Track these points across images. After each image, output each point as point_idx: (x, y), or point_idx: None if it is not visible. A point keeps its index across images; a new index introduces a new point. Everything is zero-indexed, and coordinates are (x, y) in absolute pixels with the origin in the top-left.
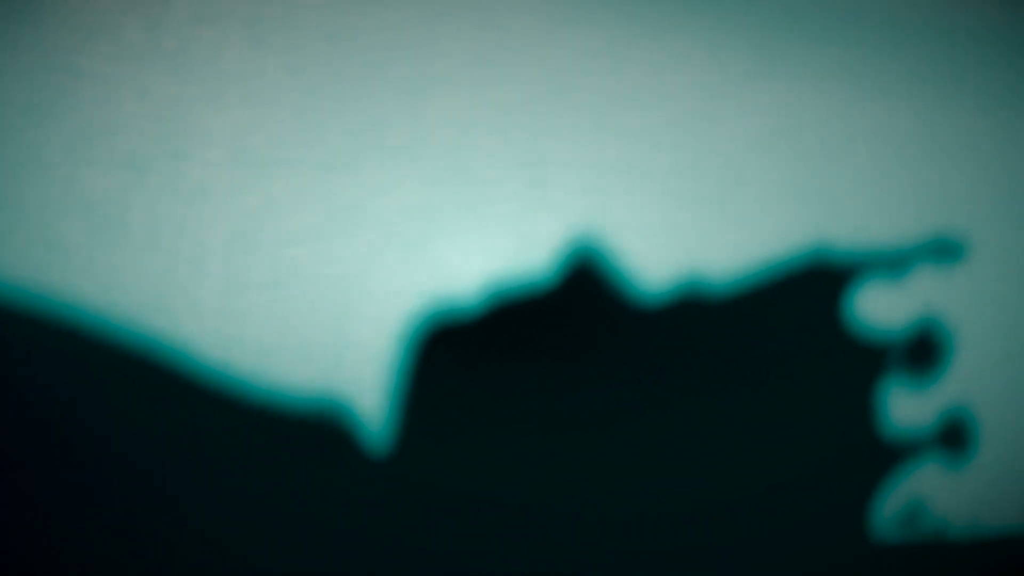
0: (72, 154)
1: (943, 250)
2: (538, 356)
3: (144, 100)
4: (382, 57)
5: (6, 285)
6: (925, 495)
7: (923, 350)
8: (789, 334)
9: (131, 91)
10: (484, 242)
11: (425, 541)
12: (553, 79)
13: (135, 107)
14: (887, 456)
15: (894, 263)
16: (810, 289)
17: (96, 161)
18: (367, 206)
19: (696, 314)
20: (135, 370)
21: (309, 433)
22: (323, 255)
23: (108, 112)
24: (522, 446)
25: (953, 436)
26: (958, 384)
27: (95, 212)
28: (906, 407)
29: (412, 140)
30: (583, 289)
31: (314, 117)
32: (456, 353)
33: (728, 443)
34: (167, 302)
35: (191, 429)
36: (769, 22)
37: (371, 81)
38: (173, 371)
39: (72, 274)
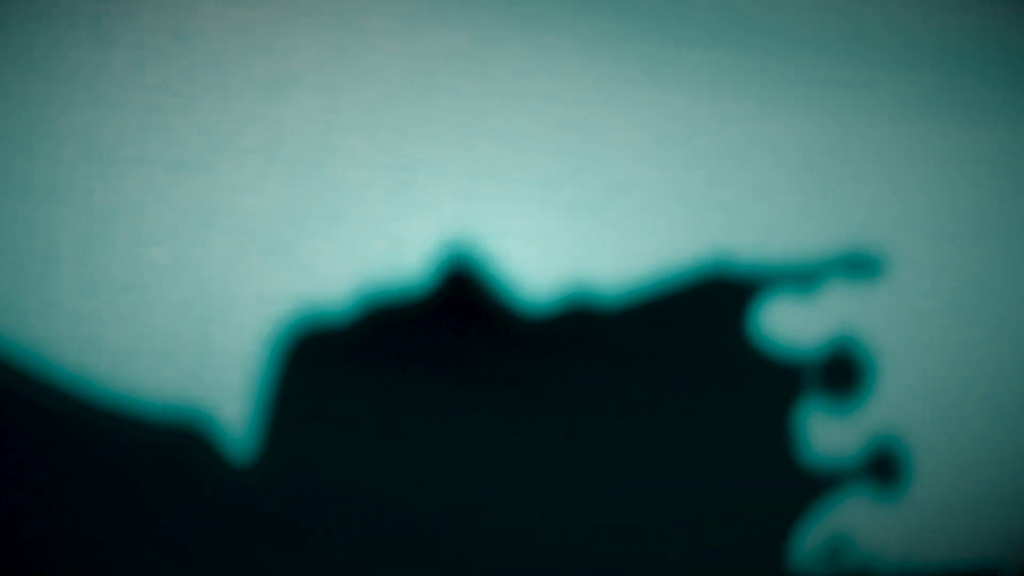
0: None
1: (857, 264)
2: (411, 362)
3: None
4: (234, 55)
5: None
6: (851, 528)
7: (843, 371)
8: (692, 350)
9: None
10: (352, 246)
11: (291, 547)
12: (417, 80)
13: None
14: (807, 485)
15: (804, 277)
16: (713, 303)
17: None
18: (226, 207)
19: (585, 325)
20: None
21: (170, 440)
22: (183, 256)
23: None
24: (394, 452)
25: (882, 466)
26: (886, 409)
27: None
28: (828, 433)
29: (270, 140)
30: (459, 295)
31: (164, 115)
32: (326, 359)
33: (625, 466)
34: (19, 302)
35: (43, 434)
36: (651, 27)
37: (223, 79)
38: (24, 373)
39: None
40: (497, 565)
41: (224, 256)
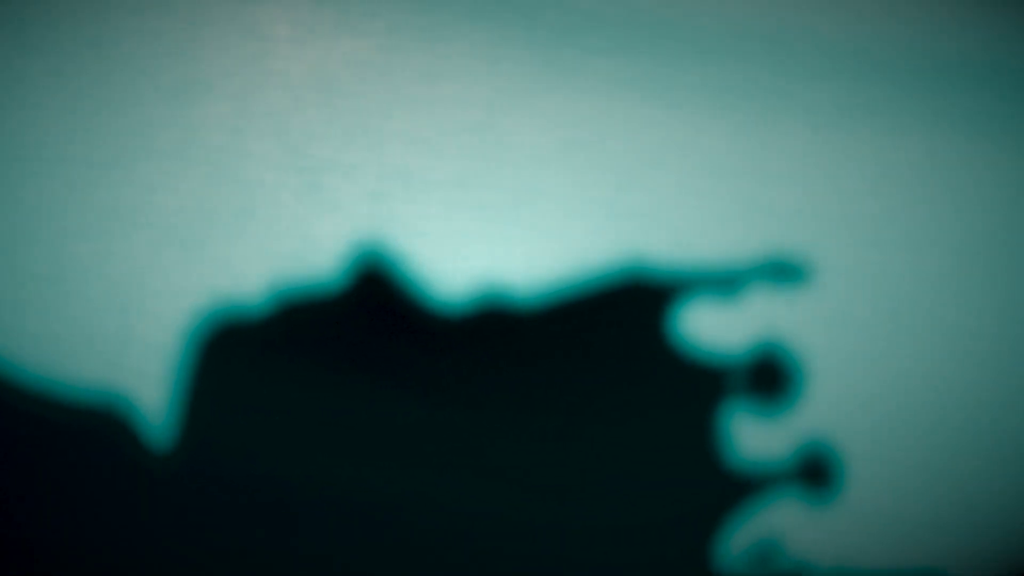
0: None
1: (779, 270)
2: (323, 357)
3: None
4: (145, 62)
5: None
6: (781, 532)
7: (769, 375)
8: (611, 352)
9: None
10: (264, 243)
11: (207, 529)
12: (323, 86)
13: None
14: (735, 488)
15: (724, 281)
16: (632, 305)
17: None
18: (143, 206)
19: (499, 326)
20: None
21: (92, 423)
22: (103, 251)
23: None
24: (304, 442)
25: (812, 470)
26: (816, 414)
27: None
28: (757, 436)
29: (181, 143)
30: (369, 292)
31: (82, 118)
32: (240, 351)
33: (544, 466)
34: None
35: None
36: (555, 35)
37: (135, 85)
38: None
39: None
40: (411, 556)
41: (143, 252)
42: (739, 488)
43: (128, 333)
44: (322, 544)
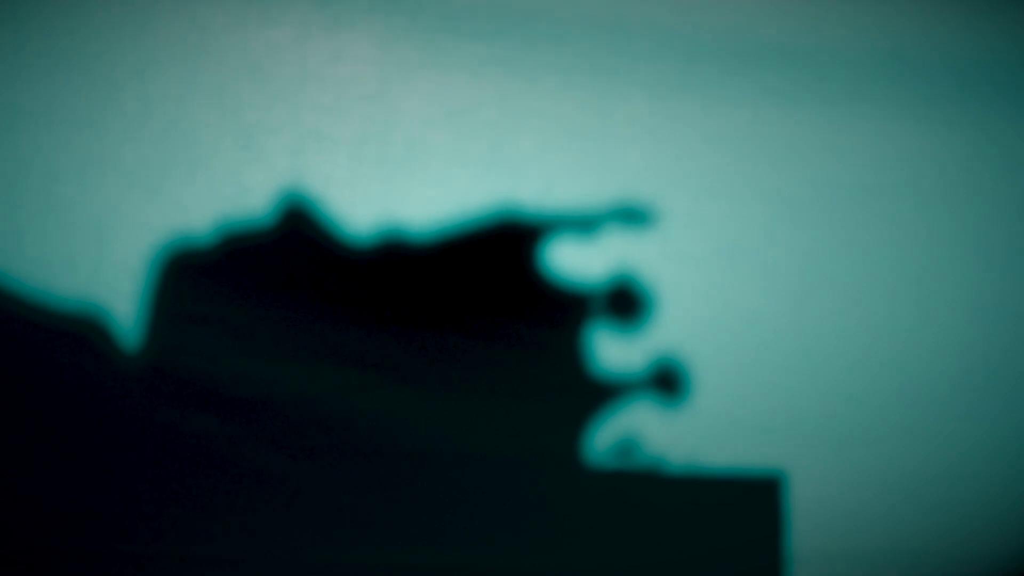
0: None
1: (630, 215)
2: (260, 278)
3: None
4: (105, 42)
5: None
6: (639, 433)
7: (625, 302)
8: (487, 282)
9: None
10: (209, 189)
11: (167, 415)
12: (250, 66)
13: None
14: (598, 395)
15: (584, 224)
16: (505, 243)
17: None
18: (112, 156)
19: (396, 256)
20: None
21: (74, 329)
22: (84, 190)
23: None
24: (246, 342)
25: (664, 380)
26: (668, 334)
27: None
28: (616, 353)
29: (142, 110)
30: (292, 228)
31: (59, 79)
32: (192, 273)
33: (444, 374)
34: None
35: None
36: (435, 23)
37: (105, 62)
38: None
39: None
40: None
41: (114, 192)
42: (603, 395)
43: (104, 257)
44: (263, 426)
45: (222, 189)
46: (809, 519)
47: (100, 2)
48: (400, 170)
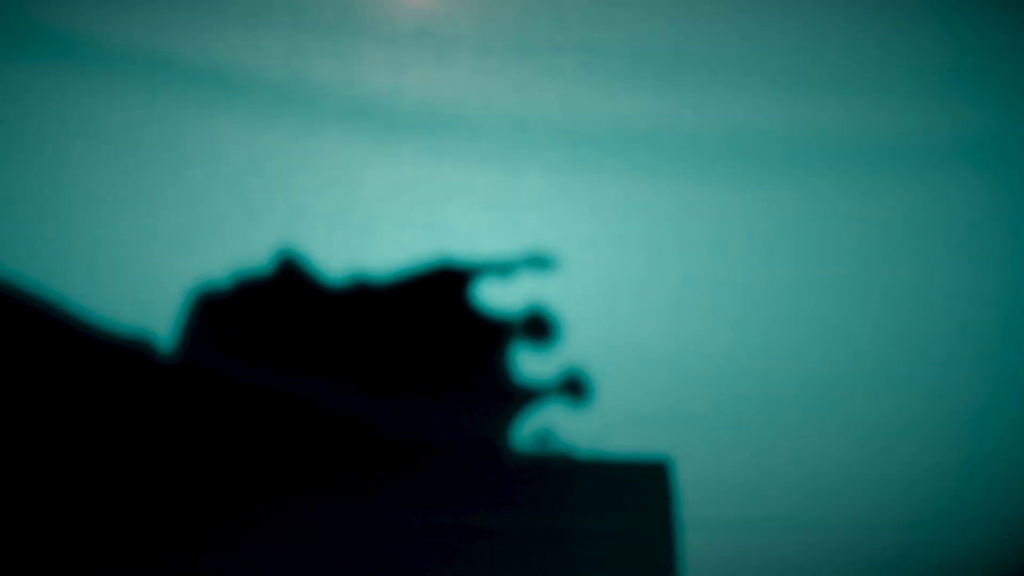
0: None
1: (537, 261)
2: (263, 315)
3: None
4: (158, 140)
5: None
6: (553, 426)
7: (537, 327)
8: (431, 315)
9: None
10: (226, 248)
11: (195, 408)
12: (253, 161)
13: None
14: (521, 399)
15: (501, 269)
16: (442, 284)
17: None
18: (157, 224)
19: (365, 298)
20: None
21: (130, 345)
22: (137, 250)
23: None
24: (255, 362)
25: (572, 385)
26: (572, 350)
27: None
28: (533, 366)
29: (180, 191)
30: (288, 276)
31: (126, 166)
32: (215, 307)
33: (396, 383)
34: None
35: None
36: (385, 123)
37: (152, 152)
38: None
39: None
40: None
41: (159, 249)
42: (524, 398)
43: (153, 296)
44: (267, 417)
45: (234, 248)
46: (694, 494)
47: (163, 111)
48: (362, 232)
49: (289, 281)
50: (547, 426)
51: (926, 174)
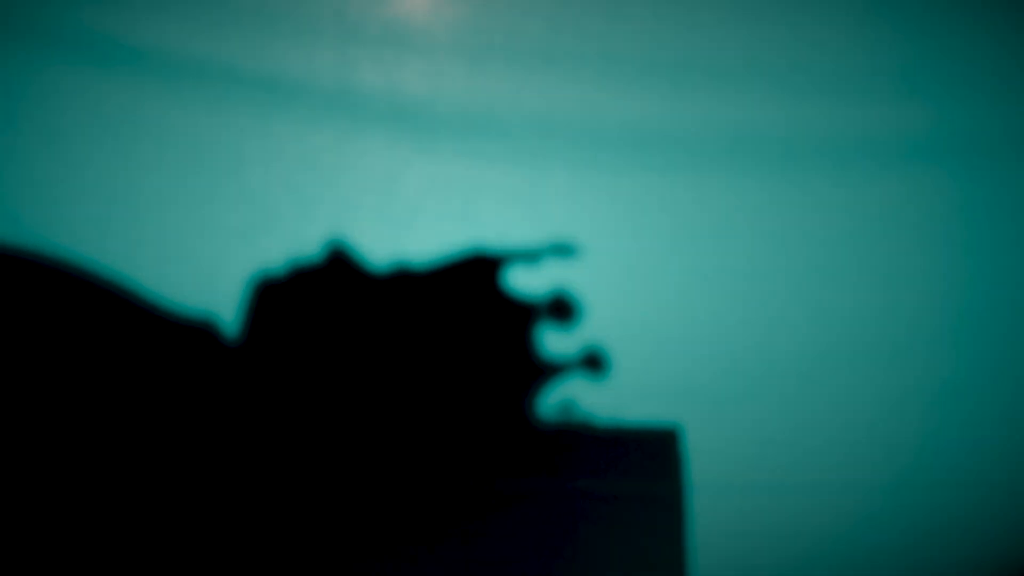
0: None
1: (561, 249)
2: (315, 300)
3: None
4: (229, 149)
5: None
6: (575, 396)
7: (561, 308)
8: (466, 298)
9: None
10: (283, 239)
11: (256, 387)
12: (309, 162)
13: None
14: (546, 372)
15: (528, 256)
16: (475, 270)
17: None
18: (224, 221)
19: (406, 283)
20: None
21: (198, 327)
22: (205, 243)
23: None
24: (309, 343)
25: (592, 360)
26: (593, 329)
27: None
28: (557, 342)
29: (239, 190)
30: (337, 264)
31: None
32: (273, 293)
33: (433, 358)
34: None
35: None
36: (425, 125)
37: (222, 160)
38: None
39: None
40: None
41: (223, 243)
42: (548, 372)
43: (218, 283)
44: (322, 393)
45: (289, 238)
46: (702, 459)
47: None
48: (404, 224)
49: (338, 268)
50: (569, 397)
51: (908, 169)
